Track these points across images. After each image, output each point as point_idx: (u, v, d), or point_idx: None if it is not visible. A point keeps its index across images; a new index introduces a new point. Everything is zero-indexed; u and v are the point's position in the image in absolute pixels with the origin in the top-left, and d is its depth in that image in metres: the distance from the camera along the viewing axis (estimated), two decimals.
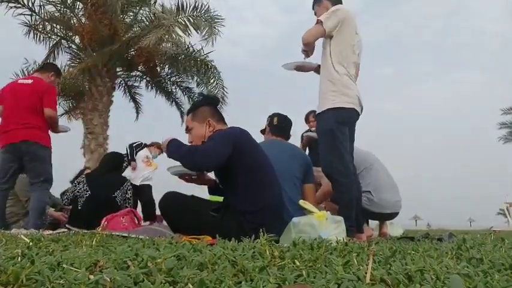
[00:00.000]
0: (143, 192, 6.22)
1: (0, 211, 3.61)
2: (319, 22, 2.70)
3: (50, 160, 3.72)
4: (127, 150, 6.44)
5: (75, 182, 4.17)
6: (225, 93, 10.56)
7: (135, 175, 6.29)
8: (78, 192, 3.90)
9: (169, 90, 11.38)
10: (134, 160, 6.37)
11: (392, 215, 3.90)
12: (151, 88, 11.28)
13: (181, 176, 2.41)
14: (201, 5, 9.22)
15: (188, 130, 2.51)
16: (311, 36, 2.73)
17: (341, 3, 2.89)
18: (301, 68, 3.08)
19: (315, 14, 2.95)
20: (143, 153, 6.53)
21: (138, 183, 6.20)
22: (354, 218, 2.63)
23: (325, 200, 3.69)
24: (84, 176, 4.27)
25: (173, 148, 2.28)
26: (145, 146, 6.63)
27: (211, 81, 10.44)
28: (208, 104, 2.57)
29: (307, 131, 4.94)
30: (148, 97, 11.65)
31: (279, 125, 3.14)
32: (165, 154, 2.42)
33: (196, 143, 2.42)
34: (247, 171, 2.26)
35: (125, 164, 5.76)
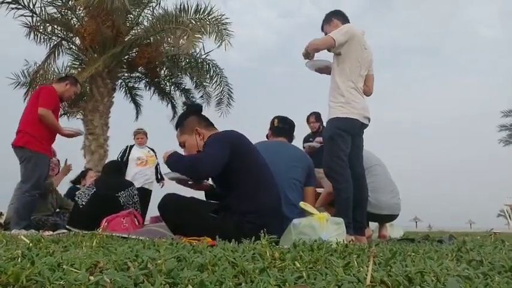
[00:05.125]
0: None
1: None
2: (329, 35, 2.90)
3: (35, 164, 3.57)
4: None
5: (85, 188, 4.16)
6: (230, 89, 10.59)
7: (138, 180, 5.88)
8: (81, 193, 3.90)
9: (168, 91, 11.40)
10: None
11: (390, 217, 3.90)
12: (149, 89, 11.29)
13: (179, 181, 2.50)
14: (204, 8, 9.24)
15: (181, 145, 2.53)
16: (321, 44, 2.97)
17: (349, 21, 3.12)
18: (324, 70, 3.23)
19: (326, 33, 3.14)
20: (134, 155, 6.04)
21: (147, 187, 5.93)
22: (356, 219, 2.85)
23: (329, 201, 3.74)
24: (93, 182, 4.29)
25: (174, 162, 2.32)
26: (131, 146, 6.10)
27: (215, 79, 10.42)
28: (192, 113, 2.58)
29: (307, 137, 5.07)
30: (149, 98, 11.64)
31: (280, 125, 3.18)
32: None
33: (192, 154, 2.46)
34: (245, 172, 2.26)
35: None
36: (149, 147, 6.23)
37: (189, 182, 2.51)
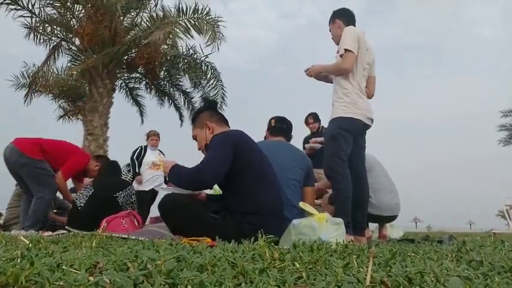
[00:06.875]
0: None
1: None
2: (346, 51, 2.93)
3: (50, 171, 3.79)
4: (131, 163, 6.08)
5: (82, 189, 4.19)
6: (224, 93, 10.68)
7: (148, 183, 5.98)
8: (79, 194, 3.90)
9: (168, 92, 11.42)
10: (138, 174, 6.01)
11: (390, 218, 3.91)
12: (151, 90, 11.31)
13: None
14: (202, 8, 9.24)
15: (194, 138, 2.61)
16: (351, 66, 2.95)
17: (352, 23, 3.13)
18: (323, 78, 3.27)
19: (330, 31, 3.24)
20: (148, 158, 6.09)
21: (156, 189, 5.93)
22: (356, 219, 2.86)
23: (325, 188, 3.79)
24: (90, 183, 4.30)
25: (175, 177, 2.31)
26: (145, 147, 6.21)
27: (211, 81, 10.50)
28: (206, 109, 2.67)
29: (308, 138, 5.09)
30: (150, 99, 11.65)
31: (277, 125, 3.17)
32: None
33: (202, 147, 2.53)
34: (246, 172, 2.26)
35: (129, 176, 5.70)
36: (159, 150, 6.32)
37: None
